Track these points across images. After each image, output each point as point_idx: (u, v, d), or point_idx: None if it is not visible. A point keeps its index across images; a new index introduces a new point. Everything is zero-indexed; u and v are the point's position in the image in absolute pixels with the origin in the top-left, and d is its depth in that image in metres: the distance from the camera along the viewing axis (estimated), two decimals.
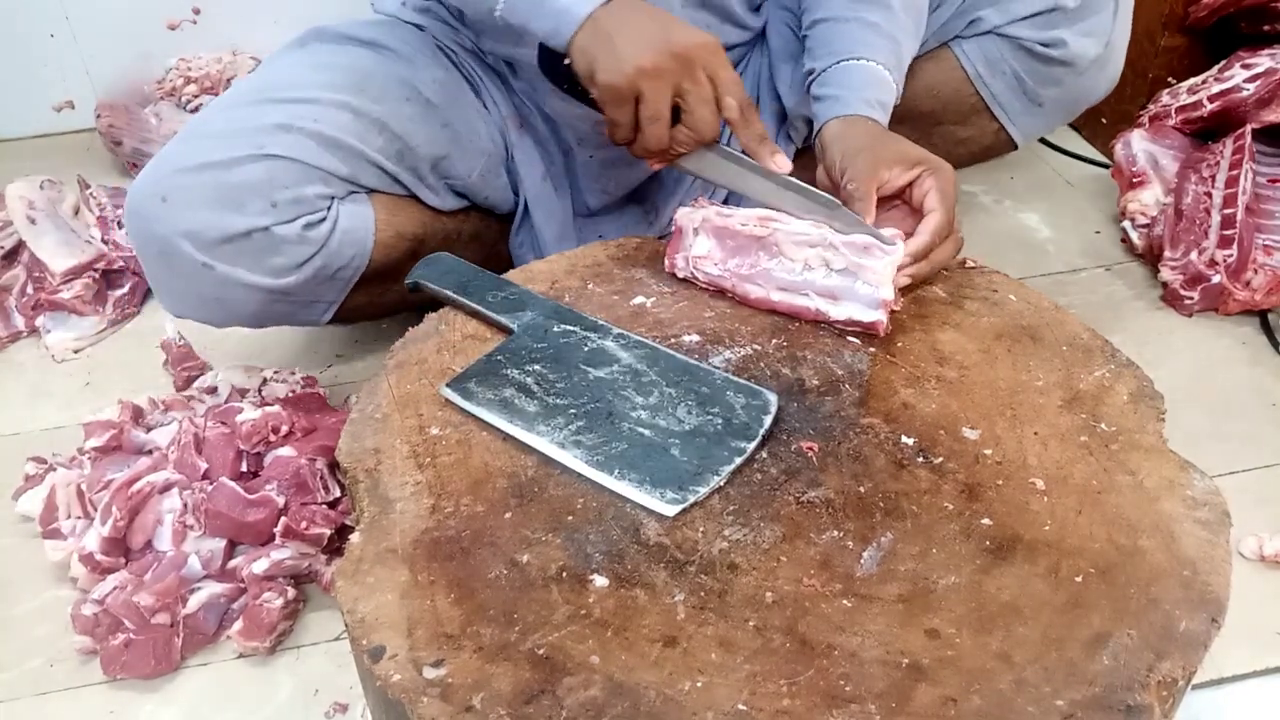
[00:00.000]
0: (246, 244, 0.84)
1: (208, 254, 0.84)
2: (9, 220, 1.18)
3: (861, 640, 0.51)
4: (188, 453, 0.86)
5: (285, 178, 0.85)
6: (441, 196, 0.97)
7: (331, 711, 0.75)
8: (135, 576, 0.79)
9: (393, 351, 0.72)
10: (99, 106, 1.45)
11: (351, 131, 0.88)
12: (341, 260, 0.90)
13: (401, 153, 0.92)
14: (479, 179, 0.98)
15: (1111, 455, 0.62)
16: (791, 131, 1.07)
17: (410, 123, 0.91)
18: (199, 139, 0.87)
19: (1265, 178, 1.16)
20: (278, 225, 0.85)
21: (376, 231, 0.91)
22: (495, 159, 0.99)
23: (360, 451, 0.63)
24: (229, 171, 0.84)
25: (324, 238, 0.88)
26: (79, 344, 1.13)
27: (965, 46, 1.04)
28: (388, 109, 0.90)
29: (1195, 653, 0.51)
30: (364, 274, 0.92)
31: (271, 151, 0.85)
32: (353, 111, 0.88)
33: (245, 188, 0.84)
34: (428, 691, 0.49)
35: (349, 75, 0.90)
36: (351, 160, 0.89)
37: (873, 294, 0.72)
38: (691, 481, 0.60)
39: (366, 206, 0.91)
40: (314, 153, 0.86)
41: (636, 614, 0.53)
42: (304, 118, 0.86)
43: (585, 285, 0.78)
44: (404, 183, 0.94)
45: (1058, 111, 1.09)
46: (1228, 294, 1.09)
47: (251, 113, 0.87)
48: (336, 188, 0.89)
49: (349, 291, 0.93)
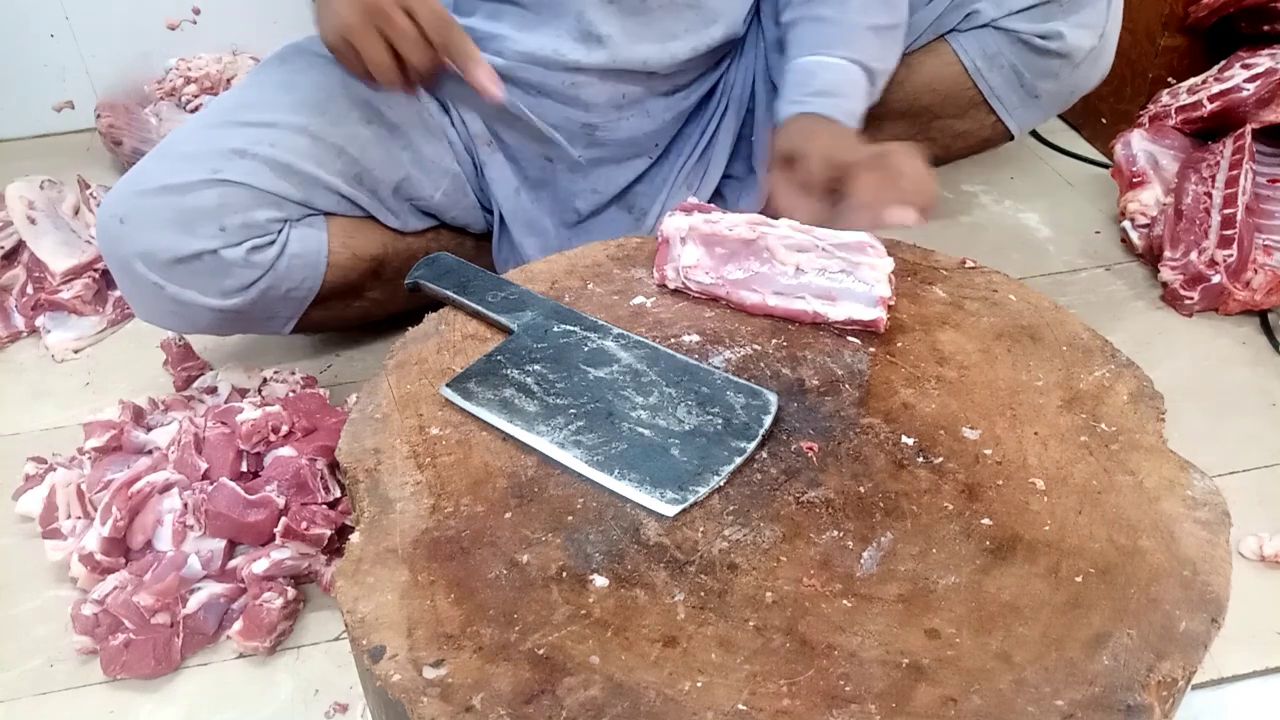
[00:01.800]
0: (197, 265, 0.87)
1: (159, 274, 0.87)
2: (9, 220, 1.18)
3: (861, 640, 0.51)
4: (188, 453, 0.86)
5: (237, 203, 0.87)
6: (403, 218, 0.99)
7: (331, 711, 0.75)
8: (135, 576, 0.79)
9: (393, 351, 0.72)
10: (99, 106, 1.45)
11: (308, 156, 0.90)
12: (292, 282, 0.92)
13: (360, 176, 0.94)
14: (443, 199, 0.99)
15: (1111, 455, 0.62)
16: None
17: (369, 145, 0.93)
18: (162, 160, 0.89)
19: (1265, 178, 1.16)
20: (225, 249, 0.87)
21: (330, 254, 0.94)
22: (460, 179, 1.00)
23: (360, 451, 0.63)
24: (183, 196, 0.86)
25: (270, 261, 0.90)
26: (79, 344, 1.13)
27: (963, 40, 1.04)
28: (347, 131, 0.92)
29: (1195, 653, 0.51)
30: (321, 292, 0.95)
31: (225, 176, 0.87)
32: (310, 136, 0.90)
33: (198, 212, 0.86)
34: (428, 691, 0.49)
35: (314, 94, 0.92)
36: (305, 185, 0.91)
37: (869, 291, 0.72)
38: (691, 482, 0.60)
39: (320, 230, 0.93)
40: (267, 179, 0.88)
41: (636, 614, 0.53)
42: (261, 142, 0.89)
43: (585, 285, 0.78)
44: (361, 205, 0.95)
45: (1053, 103, 1.10)
46: (1228, 294, 1.09)
47: (214, 135, 0.90)
48: (290, 210, 0.91)
49: (309, 308, 0.95)
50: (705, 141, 1.06)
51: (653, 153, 1.03)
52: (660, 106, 1.00)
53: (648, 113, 1.00)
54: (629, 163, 1.03)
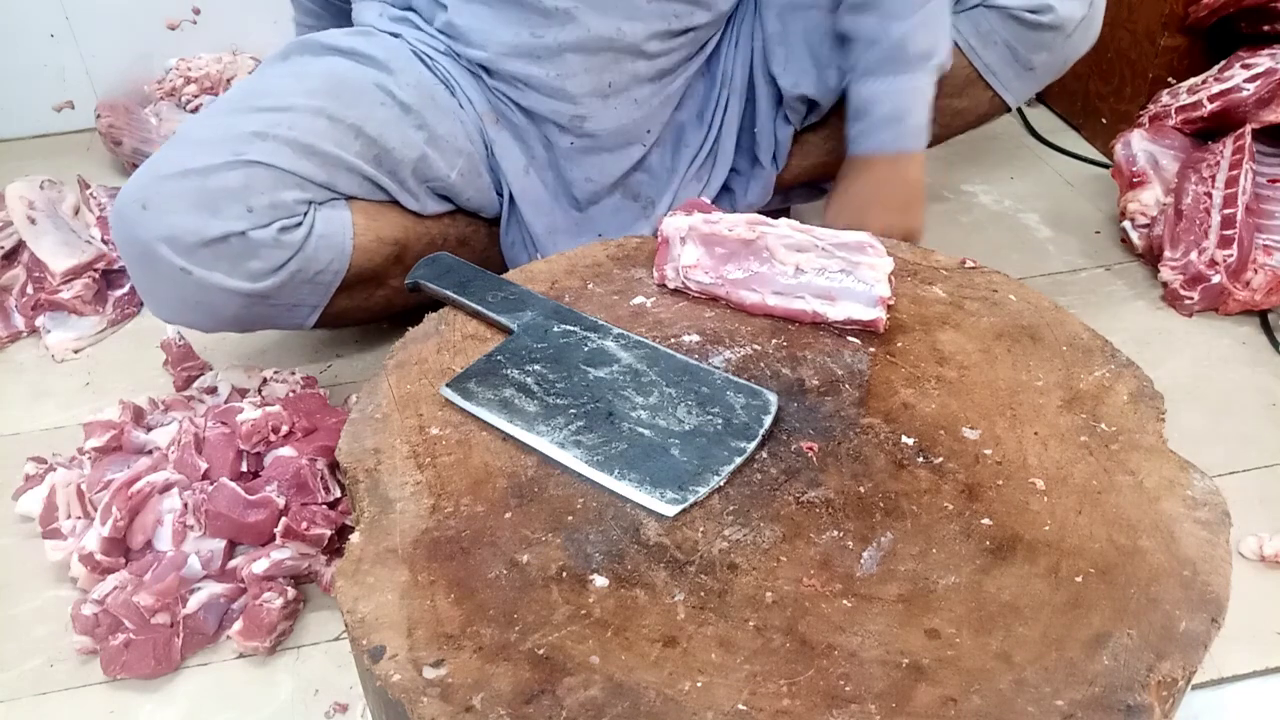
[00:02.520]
0: (223, 248, 0.86)
1: (185, 258, 0.86)
2: (9, 220, 1.18)
3: (861, 640, 0.51)
4: (188, 453, 0.86)
5: (262, 183, 0.87)
6: (422, 201, 0.98)
7: (331, 711, 0.75)
8: (135, 576, 0.79)
9: (393, 351, 0.72)
10: (99, 106, 1.45)
11: (328, 137, 0.90)
12: (319, 264, 0.91)
13: (379, 157, 0.94)
14: (459, 179, 0.99)
15: (1111, 455, 0.62)
16: (789, 113, 1.08)
17: (385, 126, 0.93)
18: (181, 146, 0.89)
19: (1265, 178, 1.16)
20: (253, 230, 0.86)
21: (355, 236, 0.93)
22: (474, 158, 1.00)
23: (360, 451, 0.63)
24: (207, 178, 0.85)
25: (300, 242, 0.89)
26: (79, 344, 1.13)
27: (956, 22, 1.06)
28: (362, 113, 0.92)
29: (1195, 653, 0.51)
30: (346, 279, 0.94)
31: (249, 158, 0.86)
32: (328, 117, 0.90)
33: (222, 193, 0.85)
34: (428, 691, 0.49)
35: (326, 81, 0.92)
36: (328, 166, 0.91)
37: (869, 291, 0.72)
38: (691, 481, 0.60)
39: (345, 212, 0.93)
40: (290, 159, 0.88)
41: (636, 614, 0.53)
42: (280, 125, 0.88)
43: (585, 285, 0.78)
44: (383, 187, 0.95)
45: (1048, 73, 1.11)
46: (1228, 294, 1.09)
47: (231, 121, 0.89)
48: (314, 193, 0.90)
49: (332, 296, 0.94)
50: (714, 136, 1.07)
51: (645, 139, 1.03)
52: (647, 93, 1.01)
53: (635, 100, 1.00)
54: (623, 150, 1.03)
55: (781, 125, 1.09)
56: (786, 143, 1.10)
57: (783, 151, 1.10)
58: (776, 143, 1.09)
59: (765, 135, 1.09)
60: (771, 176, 1.11)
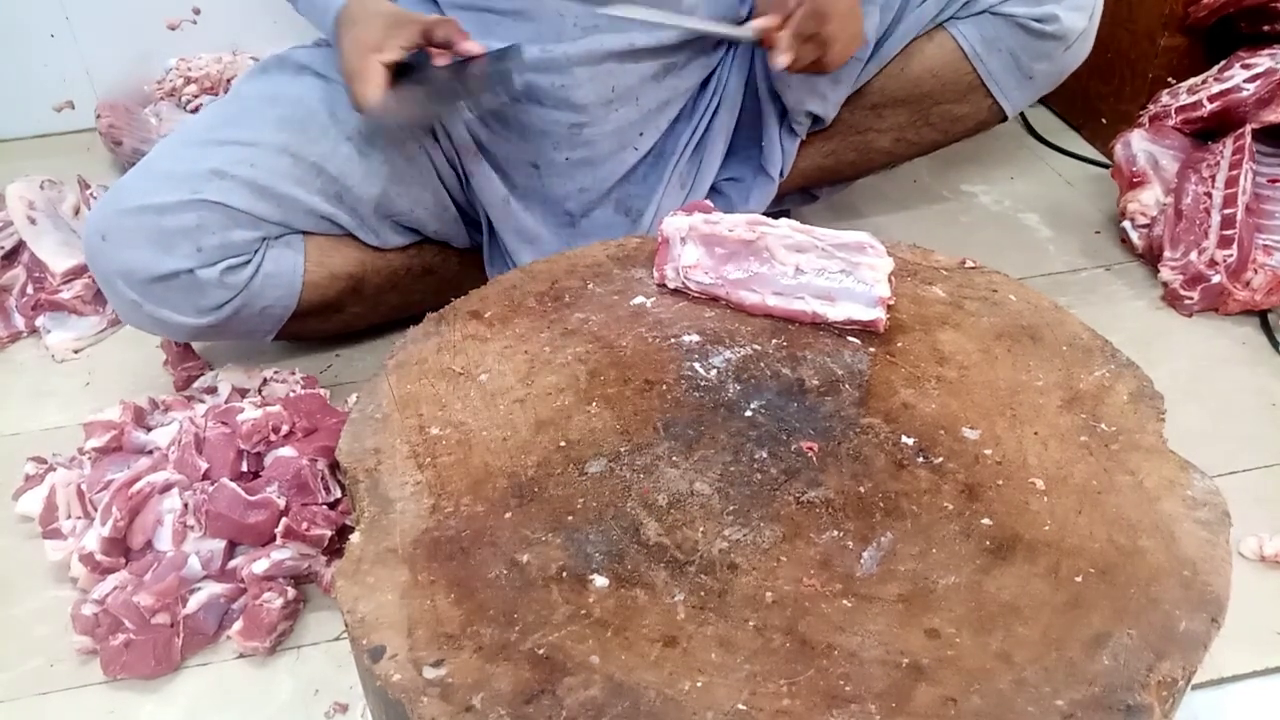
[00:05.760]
0: (173, 283, 0.89)
1: (137, 292, 0.89)
2: (9, 220, 1.18)
3: (861, 640, 0.51)
4: (188, 453, 0.86)
5: (215, 223, 0.89)
6: (382, 235, 0.99)
7: (331, 711, 0.75)
8: (135, 577, 0.79)
9: (393, 351, 0.72)
10: (99, 106, 1.45)
11: (289, 176, 0.92)
12: (266, 300, 0.94)
13: (340, 194, 0.95)
14: (424, 214, 1.00)
15: (1111, 455, 0.62)
16: (795, 125, 1.08)
17: (348, 162, 0.94)
18: (144, 177, 0.91)
19: (1265, 178, 1.16)
20: (200, 268, 0.89)
21: (306, 273, 0.96)
22: (442, 194, 1.01)
23: (360, 451, 0.63)
24: (162, 216, 0.88)
25: (244, 282, 0.92)
26: (79, 344, 1.13)
27: (962, 27, 1.07)
28: (326, 149, 0.93)
29: (1195, 653, 0.51)
30: (297, 310, 0.97)
31: (204, 197, 0.88)
32: (291, 155, 0.92)
33: (177, 232, 0.88)
34: (428, 691, 0.49)
35: (295, 110, 0.94)
36: (285, 206, 0.92)
37: (869, 292, 0.72)
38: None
39: (296, 251, 0.95)
40: (246, 199, 0.90)
41: (636, 614, 0.53)
42: (242, 162, 0.90)
43: (585, 285, 0.78)
44: (341, 224, 0.96)
45: (1046, 82, 1.12)
46: (1228, 294, 1.09)
47: (194, 154, 0.91)
48: (268, 229, 0.92)
49: (286, 323, 0.97)
50: (697, 140, 1.06)
51: (638, 143, 1.02)
52: (650, 94, 1.00)
53: (636, 100, 0.99)
54: (616, 156, 1.02)
55: (787, 137, 1.09)
56: (792, 154, 1.10)
57: (789, 163, 1.10)
58: (783, 154, 1.09)
59: (772, 147, 1.09)
60: (774, 187, 1.11)
